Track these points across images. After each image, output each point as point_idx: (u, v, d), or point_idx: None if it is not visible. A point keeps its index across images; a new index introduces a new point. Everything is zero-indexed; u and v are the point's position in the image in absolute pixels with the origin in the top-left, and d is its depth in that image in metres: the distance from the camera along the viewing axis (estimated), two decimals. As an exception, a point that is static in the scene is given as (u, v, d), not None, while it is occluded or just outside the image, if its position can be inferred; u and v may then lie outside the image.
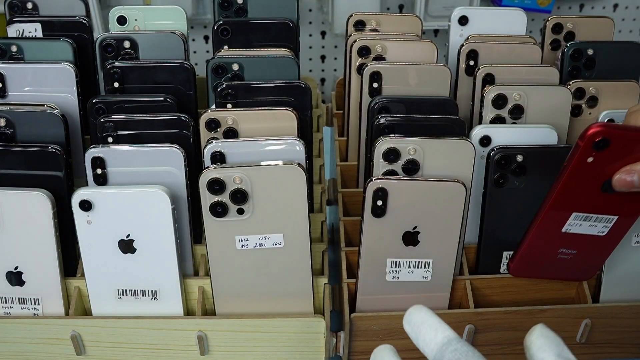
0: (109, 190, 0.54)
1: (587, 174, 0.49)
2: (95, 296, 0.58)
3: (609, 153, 0.47)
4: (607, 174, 0.49)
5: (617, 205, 0.53)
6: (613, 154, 0.47)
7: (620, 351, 0.61)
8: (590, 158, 0.48)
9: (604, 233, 0.55)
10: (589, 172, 0.49)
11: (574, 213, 0.53)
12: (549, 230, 0.54)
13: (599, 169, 0.48)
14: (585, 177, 0.49)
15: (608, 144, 0.46)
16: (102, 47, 0.66)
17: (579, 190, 0.50)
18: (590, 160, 0.48)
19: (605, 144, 0.46)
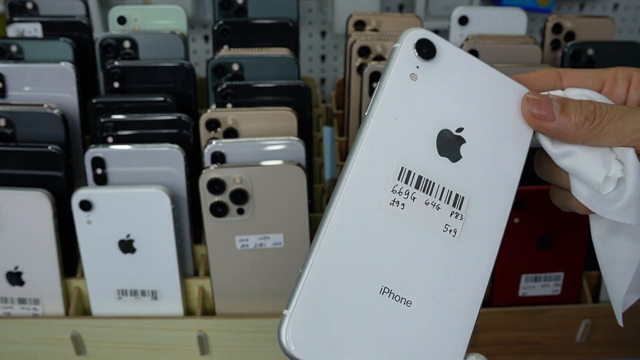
0: (109, 190, 0.54)
1: (518, 234, 0.52)
2: (95, 296, 0.58)
3: (529, 211, 0.49)
4: (538, 231, 0.52)
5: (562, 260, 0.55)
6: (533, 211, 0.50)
7: (620, 351, 0.61)
8: (516, 219, 0.51)
9: (558, 292, 0.57)
10: (520, 232, 0.52)
11: (522, 275, 0.55)
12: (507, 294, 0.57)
13: (529, 226, 0.51)
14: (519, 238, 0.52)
15: (525, 204, 0.49)
16: (102, 47, 0.66)
17: (519, 252, 0.53)
18: (517, 221, 0.51)
19: (522, 204, 0.49)
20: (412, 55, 0.32)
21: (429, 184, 0.32)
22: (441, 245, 0.31)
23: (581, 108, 0.34)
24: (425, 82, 0.32)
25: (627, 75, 0.36)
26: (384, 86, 0.32)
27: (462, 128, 0.33)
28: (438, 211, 0.31)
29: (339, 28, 1.11)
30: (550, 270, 0.59)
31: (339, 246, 0.29)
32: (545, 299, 0.60)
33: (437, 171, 0.32)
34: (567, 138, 0.34)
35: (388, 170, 0.31)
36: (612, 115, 0.33)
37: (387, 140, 0.31)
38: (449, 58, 0.33)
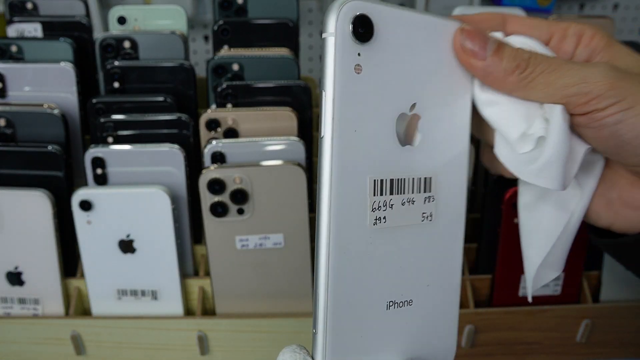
0: (109, 190, 0.54)
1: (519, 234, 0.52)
2: (95, 296, 0.58)
3: None
4: None
5: None
6: None
7: (620, 351, 0.61)
8: (515, 219, 0.49)
9: (558, 292, 0.56)
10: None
11: (523, 275, 0.55)
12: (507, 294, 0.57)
13: None
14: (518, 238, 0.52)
15: None
16: (102, 47, 0.66)
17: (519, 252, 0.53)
18: (517, 221, 0.50)
19: None
20: (350, 43, 0.27)
21: (400, 182, 0.30)
22: (422, 234, 0.31)
23: (516, 54, 0.31)
24: (369, 69, 0.27)
25: (578, 31, 0.33)
26: (335, 97, 0.27)
27: (414, 104, 0.29)
28: (414, 205, 0.30)
29: (339, 28, 1.10)
30: None
31: (344, 279, 0.28)
32: (545, 299, 0.60)
33: (403, 164, 0.29)
34: (495, 84, 0.31)
35: (363, 191, 0.28)
36: (545, 66, 0.30)
37: (353, 159, 0.28)
38: (385, 26, 0.28)
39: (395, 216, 0.29)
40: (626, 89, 0.29)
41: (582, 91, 0.30)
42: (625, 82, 0.30)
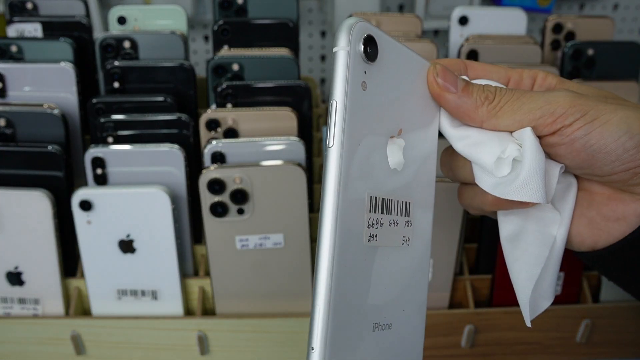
0: (109, 190, 0.54)
1: None
2: (95, 296, 0.58)
3: None
4: None
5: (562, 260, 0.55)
6: None
7: (620, 351, 0.61)
8: None
9: (558, 292, 0.56)
10: None
11: None
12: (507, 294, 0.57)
13: None
14: None
15: None
16: (102, 47, 0.66)
17: None
18: None
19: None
20: (360, 59, 0.28)
21: (389, 203, 0.30)
22: (402, 257, 0.31)
23: (483, 88, 0.34)
24: (372, 88, 0.29)
25: (533, 74, 0.37)
26: (346, 108, 0.27)
27: (401, 129, 0.31)
28: (397, 227, 0.31)
29: (339, 28, 1.10)
30: None
31: (344, 294, 0.28)
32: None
33: (391, 185, 0.30)
34: (465, 117, 0.33)
35: (363, 206, 0.29)
36: (511, 96, 0.33)
37: (357, 172, 0.28)
38: (385, 51, 0.29)
39: (384, 236, 0.30)
40: (587, 105, 0.32)
41: (547, 112, 0.32)
42: (584, 100, 0.33)
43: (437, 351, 0.58)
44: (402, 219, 0.31)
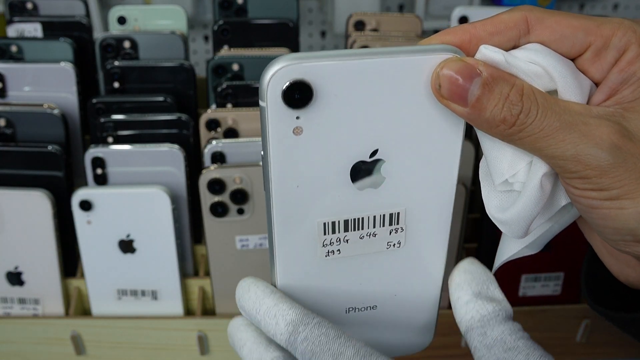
0: (109, 190, 0.54)
1: None
2: (95, 296, 0.58)
3: None
4: None
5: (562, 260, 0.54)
6: None
7: (620, 351, 0.61)
8: None
9: (558, 292, 0.56)
10: None
11: (523, 275, 0.55)
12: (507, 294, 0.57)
13: None
14: None
15: None
16: (102, 47, 0.66)
17: None
18: None
19: None
20: (285, 110, 0.25)
21: (358, 221, 0.28)
22: (388, 258, 0.30)
23: (503, 105, 0.25)
24: (312, 129, 0.26)
25: (623, 45, 0.26)
26: (271, 160, 0.26)
27: (375, 150, 0.27)
28: (375, 237, 0.29)
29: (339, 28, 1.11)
30: (550, 270, 0.58)
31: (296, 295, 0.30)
32: (545, 299, 0.60)
33: (362, 205, 0.28)
34: (479, 128, 0.27)
35: (312, 232, 0.28)
36: (537, 128, 0.25)
37: (297, 208, 0.27)
38: (329, 84, 0.25)
39: (351, 248, 0.29)
40: (619, 178, 0.25)
41: (569, 169, 0.25)
42: (623, 168, 0.25)
43: (437, 351, 0.58)
44: (383, 229, 0.29)
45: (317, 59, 0.24)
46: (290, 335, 0.27)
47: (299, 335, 0.27)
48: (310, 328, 0.27)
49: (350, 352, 0.26)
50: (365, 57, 0.25)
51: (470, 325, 0.28)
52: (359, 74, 0.25)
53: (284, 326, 0.27)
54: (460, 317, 0.29)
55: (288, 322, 0.27)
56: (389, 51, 0.25)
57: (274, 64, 0.25)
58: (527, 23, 0.26)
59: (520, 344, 0.27)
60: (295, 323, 0.27)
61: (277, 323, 0.28)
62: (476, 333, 0.28)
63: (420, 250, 0.31)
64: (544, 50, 0.26)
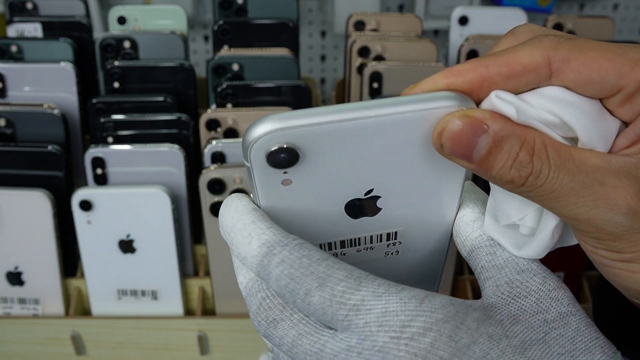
0: (109, 190, 0.54)
1: None
2: (95, 296, 0.58)
3: None
4: None
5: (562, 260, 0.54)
6: None
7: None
8: None
9: None
10: None
11: None
12: None
13: None
14: None
15: None
16: (102, 47, 0.66)
17: None
18: None
19: None
20: (271, 170, 0.23)
21: (354, 240, 0.28)
22: (387, 263, 0.30)
23: (511, 166, 0.23)
24: (302, 180, 0.24)
25: None
26: (259, 203, 0.25)
27: (370, 189, 0.26)
28: (373, 250, 0.28)
29: (339, 28, 1.11)
30: (550, 270, 0.58)
31: None
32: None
33: (358, 229, 0.27)
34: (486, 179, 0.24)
35: None
36: (547, 190, 0.23)
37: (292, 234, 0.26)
38: (317, 145, 0.23)
39: (348, 259, 0.29)
40: (634, 243, 0.23)
41: (581, 229, 0.23)
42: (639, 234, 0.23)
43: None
44: (380, 244, 0.28)
45: (303, 122, 0.23)
46: (264, 258, 0.23)
47: (274, 257, 0.23)
48: (290, 249, 0.23)
49: (341, 274, 0.22)
50: (357, 118, 0.23)
51: (477, 244, 0.26)
52: (350, 135, 0.23)
53: (257, 247, 0.23)
54: (464, 236, 0.27)
55: (262, 243, 0.23)
56: (384, 105, 0.23)
57: (256, 128, 0.23)
58: (549, 66, 0.23)
59: (534, 266, 0.25)
60: (270, 244, 0.23)
61: (250, 243, 0.23)
62: (484, 252, 0.26)
63: (419, 257, 0.30)
64: (564, 96, 0.23)
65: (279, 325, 0.23)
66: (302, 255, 0.23)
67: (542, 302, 0.24)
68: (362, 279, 0.23)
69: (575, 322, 0.24)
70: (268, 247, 0.23)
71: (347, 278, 0.22)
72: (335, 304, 0.22)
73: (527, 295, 0.24)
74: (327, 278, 0.22)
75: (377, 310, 0.22)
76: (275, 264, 0.23)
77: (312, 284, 0.22)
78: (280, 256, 0.23)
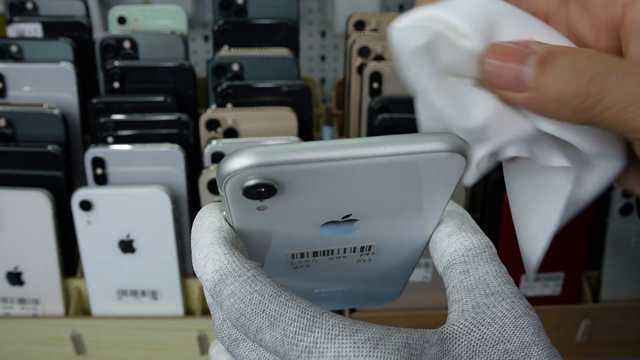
0: (109, 190, 0.54)
1: None
2: (95, 296, 0.58)
3: None
4: None
5: (562, 260, 0.54)
6: None
7: (620, 351, 0.61)
8: None
9: (558, 292, 0.56)
10: None
11: (523, 275, 0.55)
12: None
13: None
14: None
15: None
16: (102, 47, 0.66)
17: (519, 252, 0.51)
18: None
19: None
20: (245, 200, 0.23)
21: (327, 251, 0.27)
22: (358, 268, 0.29)
23: (571, 73, 0.20)
24: (278, 206, 0.23)
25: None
26: (232, 224, 0.24)
27: (348, 215, 0.25)
28: (345, 259, 0.28)
29: (339, 28, 1.11)
30: (550, 270, 0.58)
31: None
32: (545, 299, 0.60)
33: (332, 242, 0.26)
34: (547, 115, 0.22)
35: (280, 258, 0.27)
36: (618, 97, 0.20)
37: (266, 245, 0.26)
38: (298, 182, 0.22)
39: (320, 266, 0.29)
40: None
41: None
42: None
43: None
44: (353, 254, 0.27)
45: (284, 158, 0.21)
46: (216, 285, 0.22)
47: (225, 287, 0.22)
48: (241, 282, 0.22)
49: (294, 312, 0.21)
50: (341, 158, 0.21)
51: (452, 260, 0.25)
52: (332, 173, 0.22)
53: (211, 272, 0.22)
54: (441, 252, 0.26)
55: (216, 269, 0.22)
56: (372, 145, 0.22)
57: (233, 161, 0.21)
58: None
59: (505, 289, 0.24)
60: (223, 272, 0.22)
61: (205, 265, 0.23)
62: (457, 270, 0.25)
63: (390, 264, 0.30)
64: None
65: (240, 345, 0.23)
66: (254, 291, 0.22)
67: (506, 331, 0.23)
68: (315, 318, 0.21)
69: (537, 353, 0.23)
70: (221, 275, 0.22)
71: (299, 318, 0.21)
72: (287, 345, 0.21)
73: (491, 322, 0.23)
74: (278, 317, 0.21)
75: (330, 354, 0.21)
76: (227, 295, 0.22)
77: (263, 322, 0.21)
78: (232, 288, 0.22)
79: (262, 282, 0.22)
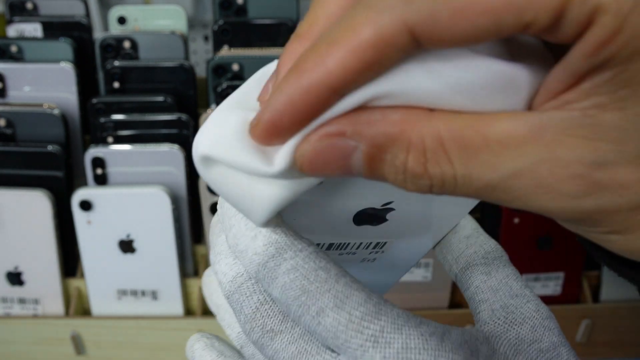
0: (109, 190, 0.54)
1: (518, 235, 0.49)
2: (95, 296, 0.58)
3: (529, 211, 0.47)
4: (538, 231, 0.50)
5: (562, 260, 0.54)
6: None
7: (620, 351, 0.61)
8: (515, 219, 0.48)
9: (558, 292, 0.56)
10: (520, 233, 0.49)
11: (523, 275, 0.55)
12: None
13: (528, 226, 0.49)
14: (518, 238, 0.50)
15: None
16: (102, 47, 0.66)
17: (519, 252, 0.51)
18: (517, 221, 0.48)
19: None
20: None
21: (342, 245, 0.26)
22: (359, 266, 0.29)
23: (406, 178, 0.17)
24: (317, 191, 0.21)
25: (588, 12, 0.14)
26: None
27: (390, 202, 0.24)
28: (353, 256, 0.27)
29: (339, 28, 1.11)
30: (550, 270, 0.58)
31: None
32: (545, 299, 0.60)
33: (353, 235, 0.25)
34: None
35: None
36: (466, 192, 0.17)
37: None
38: None
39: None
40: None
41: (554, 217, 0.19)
42: None
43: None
44: (363, 251, 0.27)
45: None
46: (270, 260, 0.19)
47: (283, 262, 0.19)
48: (304, 257, 0.19)
49: (361, 296, 0.19)
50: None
51: (471, 261, 0.24)
52: None
53: (262, 245, 0.20)
54: (458, 253, 0.25)
55: (270, 242, 0.20)
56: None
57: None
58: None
59: (527, 292, 0.24)
60: (280, 246, 0.20)
61: (255, 237, 0.20)
62: (479, 271, 0.24)
63: (390, 266, 0.30)
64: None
65: (276, 337, 0.21)
66: (319, 267, 0.19)
67: (537, 331, 0.23)
68: (380, 305, 0.20)
69: (566, 353, 0.23)
70: (277, 249, 0.20)
71: (366, 302, 0.19)
72: (351, 330, 0.19)
73: (523, 322, 0.23)
74: (345, 299, 0.19)
75: (397, 344, 0.19)
76: (285, 270, 0.19)
77: (328, 302, 0.19)
78: (292, 262, 0.19)
79: (325, 260, 0.20)
